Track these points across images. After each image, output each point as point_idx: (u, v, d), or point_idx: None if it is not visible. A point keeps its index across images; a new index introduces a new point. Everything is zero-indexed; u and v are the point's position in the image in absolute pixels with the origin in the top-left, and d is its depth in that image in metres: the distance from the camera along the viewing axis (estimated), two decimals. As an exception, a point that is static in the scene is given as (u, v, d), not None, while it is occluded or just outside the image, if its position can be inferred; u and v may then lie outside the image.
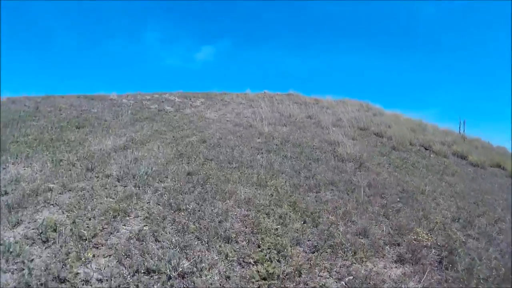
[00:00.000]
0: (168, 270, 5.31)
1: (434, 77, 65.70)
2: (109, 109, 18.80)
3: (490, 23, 62.61)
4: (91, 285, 5.03)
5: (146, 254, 5.76)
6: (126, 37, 65.75)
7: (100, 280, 5.13)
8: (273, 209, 8.00)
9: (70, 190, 8.03)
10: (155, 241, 6.26)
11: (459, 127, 24.71)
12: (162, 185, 8.73)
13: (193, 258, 5.75)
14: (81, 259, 5.47)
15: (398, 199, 9.81)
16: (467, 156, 17.75)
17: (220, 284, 5.33)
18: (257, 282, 5.44)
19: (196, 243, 6.30)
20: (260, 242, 6.51)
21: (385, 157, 15.12)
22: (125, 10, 63.84)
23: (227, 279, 5.45)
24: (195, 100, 23.52)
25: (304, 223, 7.56)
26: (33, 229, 6.27)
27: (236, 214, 7.63)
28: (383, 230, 7.75)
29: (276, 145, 14.34)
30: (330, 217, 8.08)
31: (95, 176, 9.03)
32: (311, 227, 7.43)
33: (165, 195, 8.09)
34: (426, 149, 18.17)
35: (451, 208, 9.92)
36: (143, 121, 16.74)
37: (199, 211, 7.50)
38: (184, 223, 6.90)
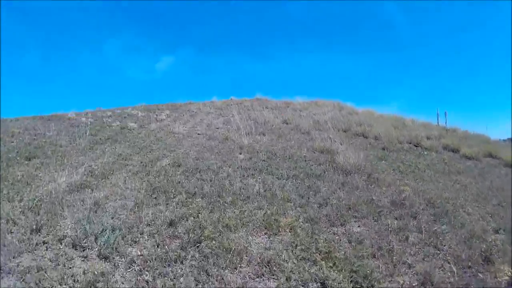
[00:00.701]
0: None
1: (391, 73, 64.25)
2: (66, 131, 15.79)
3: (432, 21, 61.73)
4: None
5: None
6: (85, 47, 61.58)
7: None
8: (308, 270, 5.52)
9: (9, 274, 5.33)
10: None
11: (437, 119, 23.04)
12: (137, 250, 5.97)
13: None
14: None
15: (433, 218, 7.95)
16: (459, 149, 15.84)
17: None
18: None
19: None
20: None
21: (384, 161, 13.05)
22: (83, 19, 59.56)
23: None
24: (159, 113, 20.73)
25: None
26: None
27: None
28: (445, 270, 5.79)
29: (264, 160, 11.91)
30: (380, 266, 5.78)
31: (43, 242, 6.21)
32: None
33: (145, 271, 5.36)
34: (416, 146, 16.27)
35: (484, 216, 8.36)
36: (105, 143, 13.95)
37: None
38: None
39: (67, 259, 5.62)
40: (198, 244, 6.16)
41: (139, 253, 5.84)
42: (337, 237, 6.88)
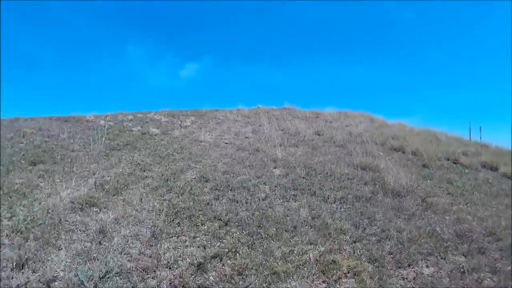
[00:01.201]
0: None
1: (413, 83, 61.37)
2: (82, 134, 13.99)
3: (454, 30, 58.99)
4: None
5: None
6: (109, 55, 60.15)
7: None
8: None
9: None
10: None
11: (469, 134, 20.66)
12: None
13: None
14: None
15: (500, 254, 6.49)
16: (498, 167, 13.68)
17: None
18: None
19: None
20: None
21: (429, 180, 10.94)
22: (107, 27, 58.38)
23: None
24: (184, 119, 18.81)
25: None
26: None
27: None
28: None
29: (303, 177, 9.92)
30: None
31: (24, 285, 4.34)
32: None
33: None
34: (454, 163, 13.98)
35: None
36: (122, 149, 12.08)
37: None
38: None
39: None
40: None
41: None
42: (409, 285, 5.30)
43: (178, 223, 6.40)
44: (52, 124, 15.42)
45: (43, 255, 5.01)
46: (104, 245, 5.38)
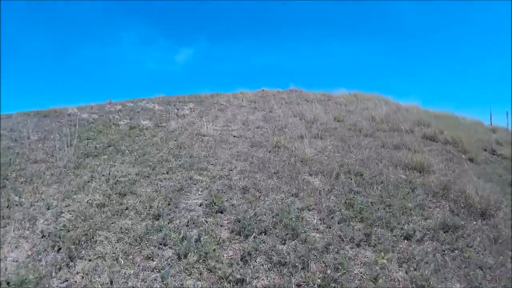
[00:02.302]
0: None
1: (404, 64, 57.03)
2: (57, 133, 10.43)
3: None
4: None
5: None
6: (101, 42, 54.79)
7: None
8: None
9: None
10: None
11: (490, 119, 17.64)
12: None
13: None
14: None
15: None
16: None
17: None
18: None
19: None
20: None
21: (490, 183, 7.36)
22: (100, 11, 53.10)
23: None
24: (181, 106, 15.01)
25: None
26: None
27: None
28: None
29: (357, 192, 6.52)
30: None
31: None
32: None
33: None
34: (494, 154, 10.81)
35: None
36: (100, 154, 8.38)
37: None
38: None
39: None
40: None
41: None
42: None
43: None
44: (28, 121, 11.79)
45: None
46: None
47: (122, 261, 4.14)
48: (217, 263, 4.16)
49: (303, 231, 4.92)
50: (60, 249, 4.37)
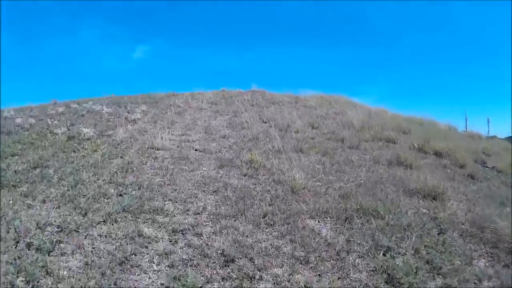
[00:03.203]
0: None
1: (364, 66, 54.81)
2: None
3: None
4: None
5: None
6: (60, 36, 49.39)
7: None
8: None
9: None
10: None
11: (466, 124, 15.77)
12: None
13: None
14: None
15: None
16: None
17: None
18: None
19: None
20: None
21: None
22: (58, 5, 47.70)
23: None
24: (133, 108, 12.16)
25: None
26: None
27: None
28: None
29: (389, 249, 4.12)
30: None
31: None
32: None
33: None
34: (485, 166, 9.00)
35: None
36: (18, 185, 5.65)
37: None
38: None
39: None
40: None
41: None
42: None
43: None
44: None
45: None
46: None
47: None
48: None
49: None
50: None
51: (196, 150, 8.02)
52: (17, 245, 4.02)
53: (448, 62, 50.66)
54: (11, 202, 5.07)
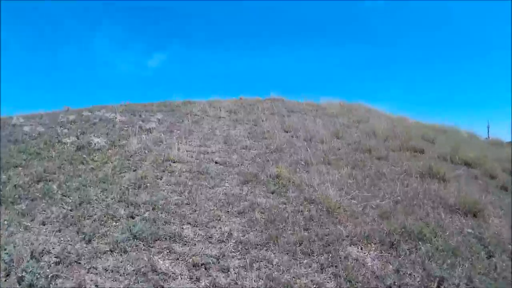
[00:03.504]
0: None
1: (381, 69, 52.95)
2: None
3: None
4: None
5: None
6: (75, 44, 48.83)
7: None
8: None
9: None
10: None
11: (488, 132, 15.16)
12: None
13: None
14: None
15: None
16: None
17: None
18: None
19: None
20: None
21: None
22: (72, 13, 47.16)
23: None
24: (148, 116, 11.33)
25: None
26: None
27: None
28: None
29: (443, 279, 3.36)
30: None
31: None
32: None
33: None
34: None
35: None
36: (17, 201, 4.84)
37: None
38: None
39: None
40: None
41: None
42: None
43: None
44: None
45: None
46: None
47: None
48: None
49: None
50: None
51: (216, 162, 7.18)
52: (7, 278, 3.23)
53: (447, 62, 49.27)
54: (6, 222, 4.28)
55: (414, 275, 3.63)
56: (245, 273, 3.51)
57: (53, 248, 3.75)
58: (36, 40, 44.33)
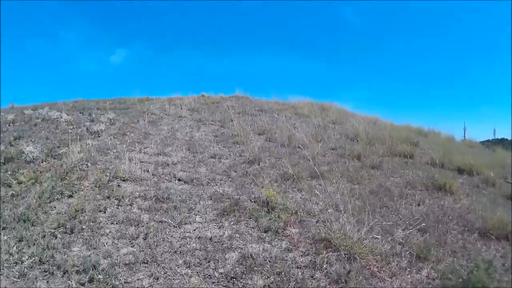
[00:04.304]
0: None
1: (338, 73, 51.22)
2: None
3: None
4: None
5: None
6: (38, 39, 43.96)
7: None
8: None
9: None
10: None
11: (464, 133, 13.57)
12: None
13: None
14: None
15: None
16: None
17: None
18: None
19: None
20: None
21: None
22: (39, 7, 42.34)
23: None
24: (98, 115, 9.08)
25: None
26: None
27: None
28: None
29: None
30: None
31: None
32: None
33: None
34: (507, 181, 6.97)
35: None
36: None
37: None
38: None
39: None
40: None
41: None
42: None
43: None
44: None
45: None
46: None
47: None
48: None
49: None
50: None
51: (179, 180, 5.28)
52: None
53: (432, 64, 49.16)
54: None
55: None
56: None
57: None
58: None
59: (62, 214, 3.95)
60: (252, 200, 4.63)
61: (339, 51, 50.61)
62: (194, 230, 3.85)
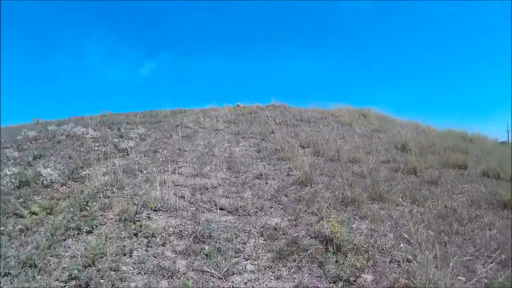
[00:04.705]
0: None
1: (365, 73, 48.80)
2: None
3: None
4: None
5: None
6: (65, 52, 44.06)
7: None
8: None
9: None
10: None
11: (508, 136, 12.40)
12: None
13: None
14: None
15: None
16: None
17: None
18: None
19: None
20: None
21: None
22: (64, 21, 42.51)
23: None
24: (128, 130, 8.28)
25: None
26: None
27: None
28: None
29: None
30: None
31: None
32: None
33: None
34: None
35: None
36: None
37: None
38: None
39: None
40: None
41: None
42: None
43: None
44: None
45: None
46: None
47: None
48: None
49: None
50: None
51: (221, 209, 4.29)
52: None
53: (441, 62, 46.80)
54: None
55: None
56: None
57: None
58: (25, 48, 40.18)
59: (77, 258, 3.02)
60: (312, 235, 3.58)
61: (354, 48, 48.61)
62: (246, 283, 2.84)
